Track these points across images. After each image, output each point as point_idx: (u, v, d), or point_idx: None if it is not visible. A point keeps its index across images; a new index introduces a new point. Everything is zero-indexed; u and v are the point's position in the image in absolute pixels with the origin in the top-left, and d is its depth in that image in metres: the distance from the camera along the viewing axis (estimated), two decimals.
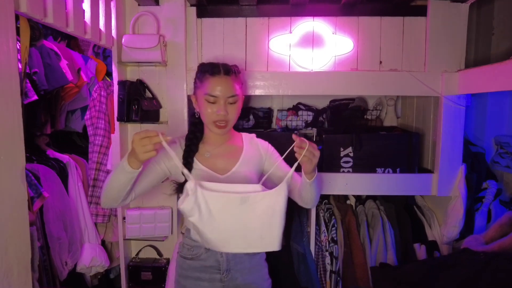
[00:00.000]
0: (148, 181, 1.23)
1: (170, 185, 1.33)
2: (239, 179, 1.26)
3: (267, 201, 1.15)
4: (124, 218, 1.86)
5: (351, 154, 1.89)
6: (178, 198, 1.26)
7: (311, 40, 1.86)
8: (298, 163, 1.14)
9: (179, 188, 1.28)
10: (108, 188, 1.15)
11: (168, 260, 1.93)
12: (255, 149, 1.36)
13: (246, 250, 1.21)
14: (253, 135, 1.42)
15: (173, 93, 1.84)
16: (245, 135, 1.40)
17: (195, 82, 1.32)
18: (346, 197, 2.14)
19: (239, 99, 1.28)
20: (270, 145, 1.40)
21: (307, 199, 1.27)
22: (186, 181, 1.23)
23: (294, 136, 1.11)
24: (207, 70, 1.26)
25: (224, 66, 1.27)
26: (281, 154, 1.26)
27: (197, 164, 1.26)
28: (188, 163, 1.23)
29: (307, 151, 1.09)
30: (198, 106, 1.30)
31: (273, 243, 1.18)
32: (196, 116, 1.34)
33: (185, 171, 1.13)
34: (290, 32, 1.86)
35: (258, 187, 1.18)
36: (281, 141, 1.41)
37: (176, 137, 1.32)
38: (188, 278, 1.31)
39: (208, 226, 1.14)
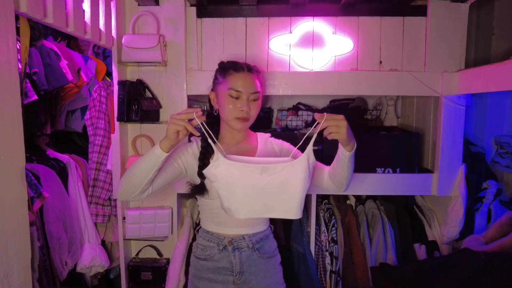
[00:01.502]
0: (165, 176, 1.23)
1: (185, 186, 1.33)
2: None
3: (286, 171, 1.15)
4: (124, 218, 1.86)
5: None
6: (190, 197, 1.27)
7: (311, 40, 1.86)
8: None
9: (195, 189, 1.28)
10: (130, 175, 1.15)
11: (168, 260, 1.93)
12: (269, 148, 1.36)
13: (264, 215, 1.21)
14: (268, 134, 1.42)
15: (173, 93, 1.84)
16: (260, 134, 1.41)
17: (215, 79, 1.33)
18: (346, 197, 2.14)
19: (260, 97, 1.30)
20: (284, 142, 1.40)
21: (343, 178, 1.23)
22: (201, 182, 1.26)
23: (315, 115, 1.11)
24: (230, 66, 1.29)
25: (246, 64, 1.30)
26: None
27: None
28: (204, 164, 1.23)
29: (330, 121, 1.09)
30: (219, 102, 1.30)
31: (292, 212, 1.17)
32: (215, 114, 1.34)
33: (211, 141, 1.16)
34: (290, 32, 1.86)
35: (286, 158, 1.19)
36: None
37: (193, 137, 1.32)
38: (201, 279, 1.31)
39: (228, 193, 1.16)
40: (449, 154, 1.83)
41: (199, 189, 1.27)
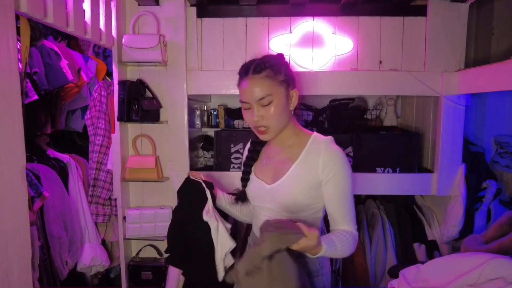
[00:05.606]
0: None
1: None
2: (282, 195, 1.10)
3: None
4: (124, 217, 1.87)
5: (351, 154, 1.89)
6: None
7: (311, 40, 1.86)
8: None
9: (240, 196, 1.23)
10: None
11: None
12: (314, 156, 1.08)
13: None
14: (328, 139, 1.11)
15: (173, 93, 1.84)
16: (315, 137, 1.14)
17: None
18: None
19: (275, 98, 1.06)
20: (338, 158, 1.08)
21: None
22: (243, 190, 1.22)
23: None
24: (240, 71, 1.13)
25: (246, 65, 1.11)
26: None
27: (252, 174, 1.22)
28: (246, 172, 1.21)
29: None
30: None
31: None
32: None
33: None
34: (290, 32, 1.86)
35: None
36: None
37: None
38: None
39: None
40: (449, 154, 1.83)
41: (241, 197, 1.23)
